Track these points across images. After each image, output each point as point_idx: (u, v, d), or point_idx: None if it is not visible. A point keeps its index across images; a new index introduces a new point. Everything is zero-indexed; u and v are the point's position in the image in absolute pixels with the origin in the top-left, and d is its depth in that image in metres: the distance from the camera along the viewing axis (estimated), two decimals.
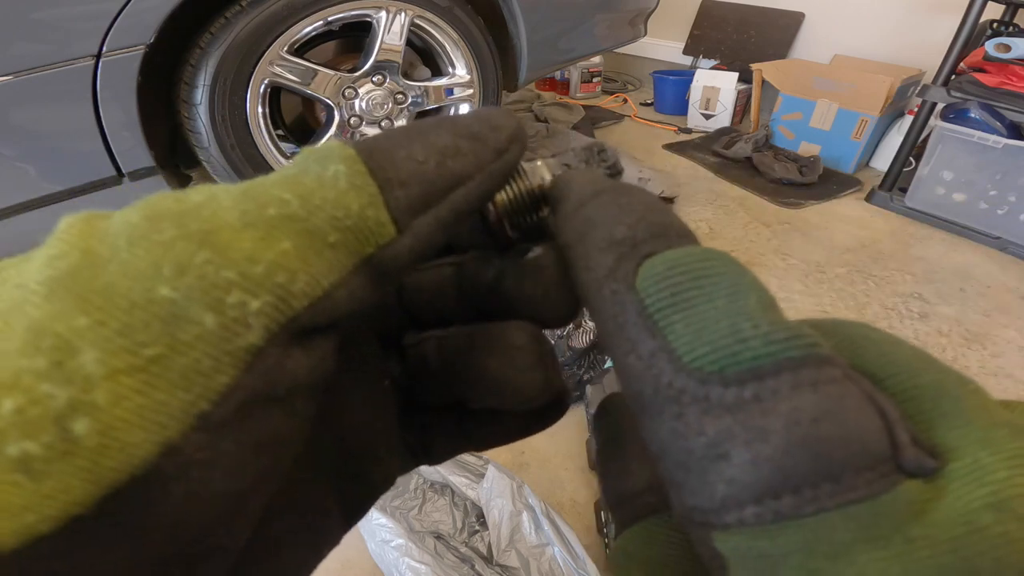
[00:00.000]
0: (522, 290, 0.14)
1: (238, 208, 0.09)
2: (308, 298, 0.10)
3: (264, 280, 0.09)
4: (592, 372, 1.02)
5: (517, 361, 0.14)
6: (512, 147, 0.13)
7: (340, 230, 0.10)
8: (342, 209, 0.10)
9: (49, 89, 0.90)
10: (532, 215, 0.14)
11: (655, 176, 1.67)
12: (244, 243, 0.09)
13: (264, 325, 0.09)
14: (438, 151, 0.12)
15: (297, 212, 0.10)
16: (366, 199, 0.10)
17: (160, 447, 0.08)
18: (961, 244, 1.60)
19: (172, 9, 0.94)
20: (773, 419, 0.08)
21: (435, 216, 0.11)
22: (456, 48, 1.29)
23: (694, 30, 2.76)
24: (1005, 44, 1.44)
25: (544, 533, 0.73)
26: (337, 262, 0.10)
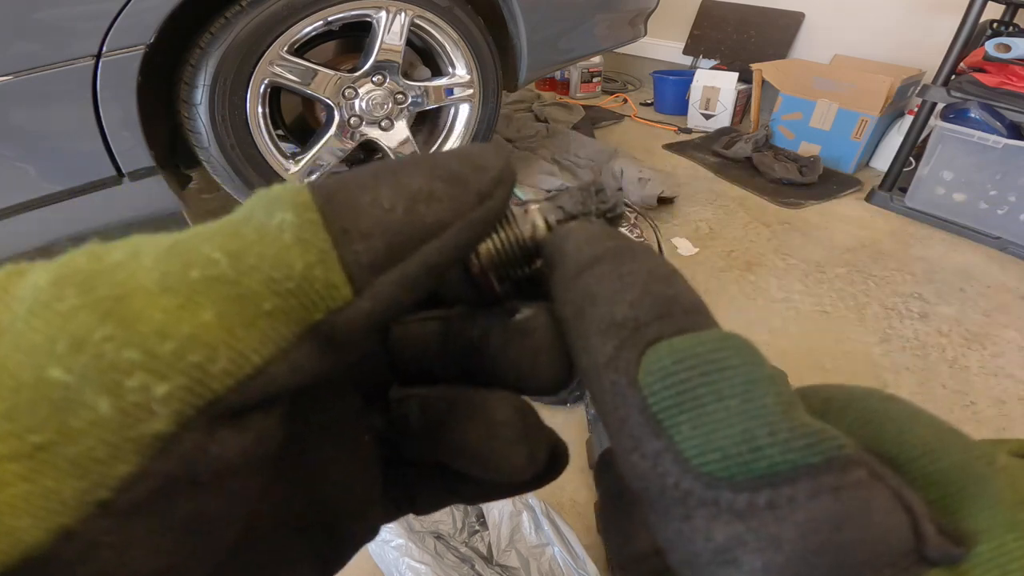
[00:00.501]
0: (508, 355, 0.13)
1: (159, 269, 0.08)
2: (233, 378, 0.08)
3: (174, 360, 0.08)
4: None
5: (499, 435, 0.13)
6: (497, 191, 0.11)
7: (279, 295, 0.09)
8: (282, 269, 0.09)
9: (49, 89, 0.90)
10: (522, 268, 0.13)
11: (655, 176, 1.67)
12: (156, 314, 0.08)
13: (174, 411, 0.08)
14: (409, 196, 0.10)
15: (226, 274, 0.08)
16: (314, 256, 0.09)
17: (53, 533, 0.07)
18: (961, 244, 1.60)
19: (172, 9, 0.94)
20: (788, 527, 0.08)
21: (402, 274, 0.10)
22: (456, 48, 1.29)
23: (694, 30, 2.76)
24: (1005, 44, 1.44)
25: (544, 533, 0.73)
26: (274, 332, 0.09)
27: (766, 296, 1.34)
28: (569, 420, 1.01)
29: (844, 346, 1.19)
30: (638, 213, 1.15)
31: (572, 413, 1.02)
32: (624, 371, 0.09)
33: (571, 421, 1.00)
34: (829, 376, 1.11)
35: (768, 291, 1.36)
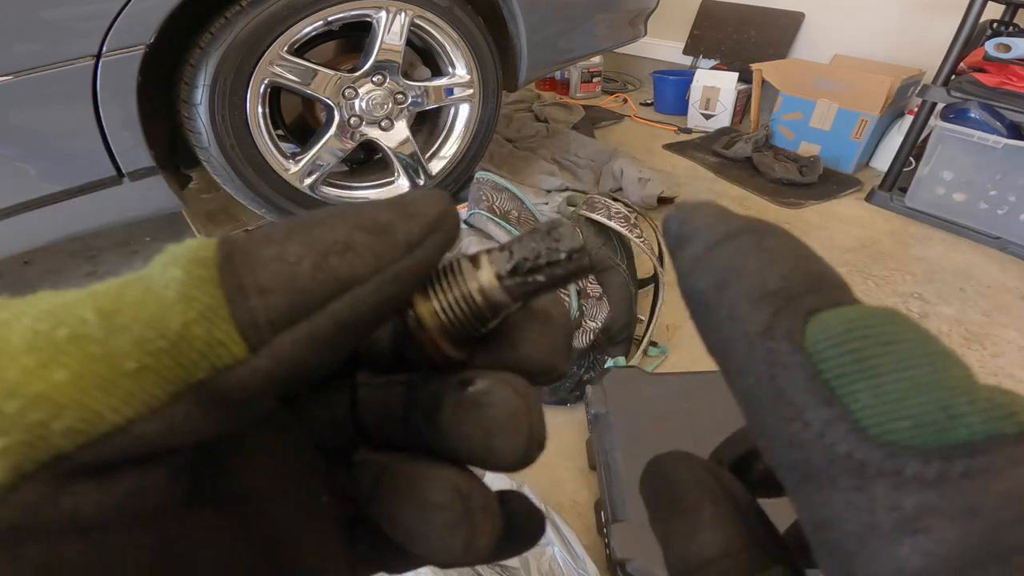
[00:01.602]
0: (460, 429, 0.12)
1: (33, 328, 0.08)
2: (84, 436, 0.08)
3: (16, 418, 0.08)
4: (592, 372, 1.02)
5: (431, 519, 0.11)
6: (430, 240, 0.10)
7: (149, 354, 0.08)
8: (155, 328, 0.08)
9: (49, 89, 0.90)
10: (474, 328, 0.12)
11: (655, 176, 1.67)
12: (13, 373, 0.08)
13: (12, 464, 0.08)
14: (320, 249, 0.09)
15: (92, 333, 0.08)
16: (195, 313, 0.09)
17: None
18: (961, 244, 1.60)
19: (172, 9, 0.94)
20: (988, 496, 0.08)
21: (308, 331, 0.09)
22: (456, 48, 1.29)
23: (694, 30, 2.76)
24: (1005, 44, 1.44)
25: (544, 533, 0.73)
26: (140, 392, 0.08)
27: None
28: (569, 420, 1.01)
29: None
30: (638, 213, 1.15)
31: (572, 413, 1.02)
32: (786, 338, 0.09)
33: (571, 421, 1.00)
34: None
35: None
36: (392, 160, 1.30)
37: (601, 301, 1.03)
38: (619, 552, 0.67)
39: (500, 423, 0.11)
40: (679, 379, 0.91)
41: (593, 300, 1.03)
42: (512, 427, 0.11)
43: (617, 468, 0.77)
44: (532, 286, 0.11)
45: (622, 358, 1.07)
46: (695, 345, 1.18)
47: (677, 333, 1.22)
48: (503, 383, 0.12)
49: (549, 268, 0.11)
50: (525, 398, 0.12)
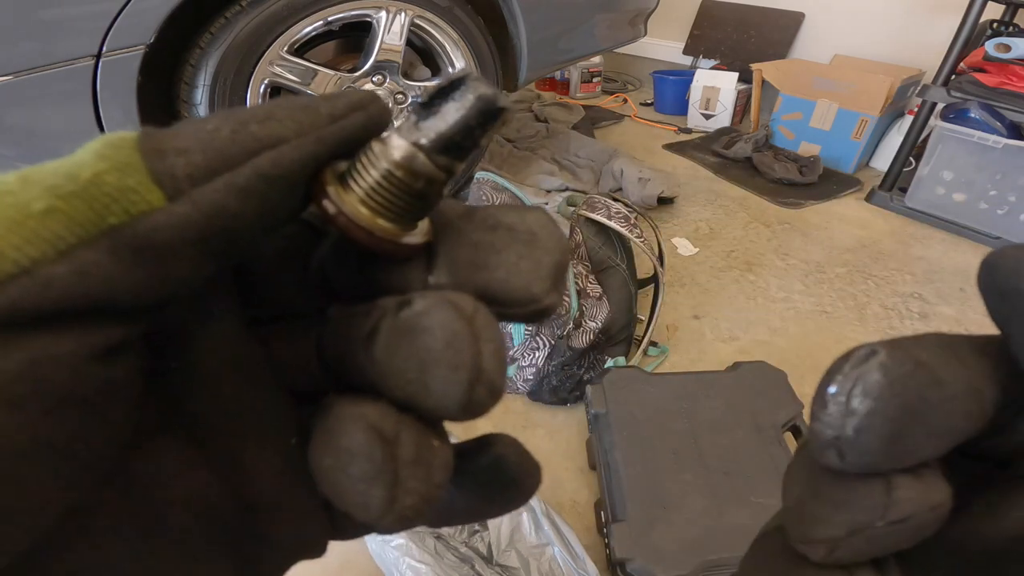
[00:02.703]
0: (393, 362, 0.10)
1: None
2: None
3: None
4: (592, 372, 1.02)
5: (349, 468, 0.10)
6: (353, 114, 0.10)
7: (59, 197, 0.08)
8: (67, 179, 0.08)
9: (49, 89, 0.90)
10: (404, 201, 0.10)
11: (655, 176, 1.67)
12: None
13: None
14: (240, 119, 0.09)
15: (9, 187, 0.08)
16: (107, 165, 0.08)
17: None
18: (961, 244, 1.60)
19: (172, 9, 0.94)
20: None
21: (229, 181, 0.09)
22: (456, 48, 1.29)
23: (694, 30, 2.76)
24: (1005, 44, 1.44)
25: (544, 533, 0.73)
26: (48, 233, 0.08)
27: (766, 296, 1.34)
28: (569, 420, 1.01)
29: (844, 346, 1.19)
30: (638, 213, 1.15)
31: (572, 413, 1.02)
32: None
33: (571, 421, 1.00)
34: None
35: (768, 291, 1.36)
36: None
37: (601, 301, 1.04)
38: (619, 552, 0.67)
39: (436, 354, 0.09)
40: (679, 379, 0.91)
41: (593, 300, 1.03)
42: (450, 360, 0.09)
43: (617, 468, 0.77)
44: (448, 130, 0.10)
45: (622, 358, 1.07)
46: (695, 345, 1.18)
47: (677, 333, 1.22)
48: (444, 304, 0.10)
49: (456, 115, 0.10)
50: (471, 323, 0.09)
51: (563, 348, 0.99)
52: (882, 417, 0.09)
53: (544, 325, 0.98)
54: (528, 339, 0.99)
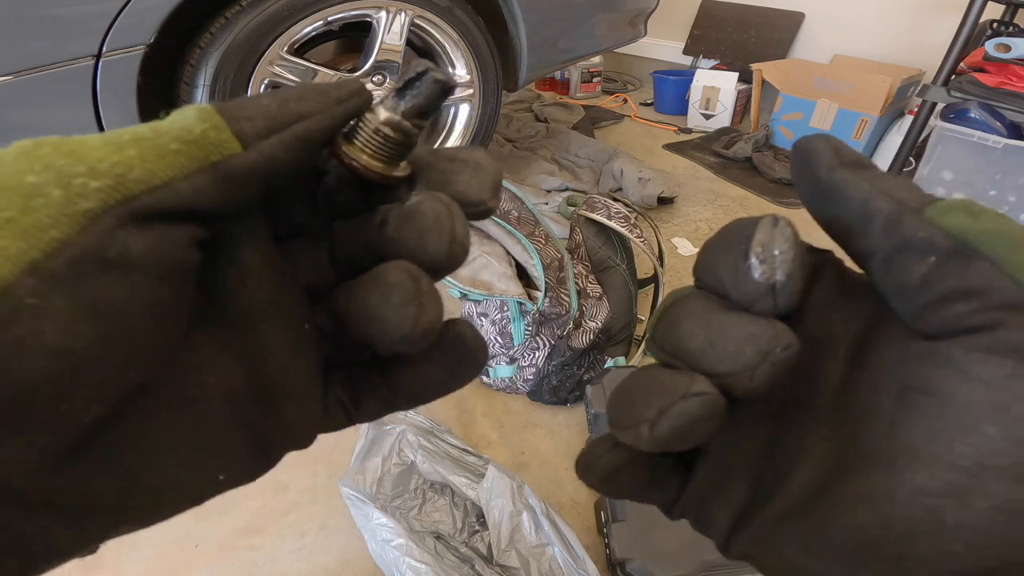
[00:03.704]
0: (400, 234, 0.15)
1: (102, 137, 0.12)
2: (144, 184, 0.11)
3: (106, 170, 0.11)
4: (592, 372, 1.02)
5: (392, 298, 0.14)
6: (352, 99, 0.15)
7: (183, 142, 0.12)
8: (186, 131, 0.12)
9: (49, 89, 0.90)
10: (391, 147, 0.16)
11: (655, 176, 1.67)
12: (97, 152, 0.11)
13: (101, 199, 0.11)
14: (283, 98, 0.14)
15: (146, 134, 0.12)
16: (209, 124, 0.13)
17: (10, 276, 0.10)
18: None
19: (172, 9, 0.94)
20: None
21: (279, 139, 0.14)
22: (456, 48, 1.29)
23: (694, 30, 2.76)
24: (1005, 44, 1.44)
25: (544, 533, 0.73)
26: (178, 163, 0.12)
27: None
28: (569, 420, 1.01)
29: None
30: (638, 213, 1.15)
31: (572, 413, 1.02)
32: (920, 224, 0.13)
33: (571, 421, 1.00)
34: None
35: None
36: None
37: (601, 301, 1.04)
38: (619, 552, 0.67)
39: (429, 225, 0.15)
40: None
41: (593, 300, 1.03)
42: (437, 228, 0.15)
43: None
44: (413, 102, 0.16)
45: (622, 358, 1.07)
46: None
47: None
48: (432, 197, 0.15)
49: (411, 83, 0.16)
50: (449, 207, 0.15)
51: (563, 348, 0.99)
52: (800, 263, 0.14)
53: (544, 325, 0.98)
54: (528, 339, 0.99)
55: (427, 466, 0.83)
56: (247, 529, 0.83)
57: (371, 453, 0.84)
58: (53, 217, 0.10)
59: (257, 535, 0.83)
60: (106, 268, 0.11)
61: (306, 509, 0.86)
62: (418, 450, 0.84)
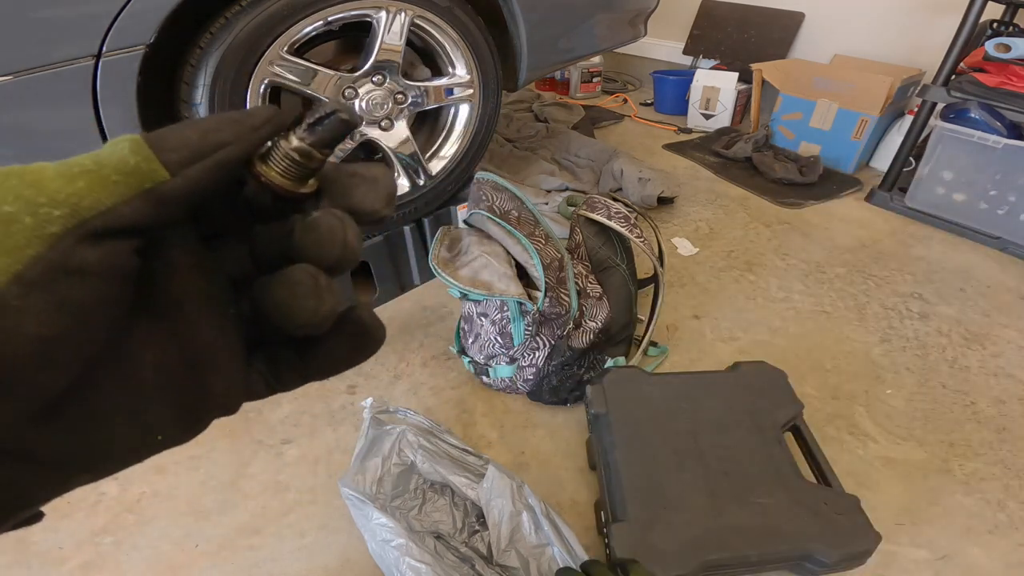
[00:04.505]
0: (303, 241, 0.18)
1: (56, 169, 0.15)
2: (94, 211, 0.15)
3: (63, 200, 0.14)
4: (592, 372, 1.02)
5: (296, 292, 0.18)
6: (265, 126, 0.18)
7: (121, 173, 0.15)
8: (123, 163, 0.15)
9: (49, 89, 0.90)
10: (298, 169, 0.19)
11: (655, 176, 1.67)
12: (54, 184, 0.14)
13: (62, 223, 0.14)
14: (203, 129, 0.17)
15: (91, 167, 0.15)
16: (141, 157, 0.16)
17: None
18: (961, 244, 1.60)
19: (172, 9, 0.94)
20: None
21: (202, 167, 0.16)
22: (456, 48, 1.29)
23: (694, 30, 2.76)
24: (1005, 44, 1.44)
25: (544, 533, 0.73)
26: (119, 192, 0.15)
27: (766, 296, 1.34)
28: (569, 420, 1.01)
29: (844, 346, 1.19)
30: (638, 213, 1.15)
31: (572, 413, 1.02)
32: None
33: (571, 421, 1.00)
34: (829, 376, 1.11)
35: (768, 291, 1.36)
36: (392, 160, 1.30)
37: (601, 301, 1.03)
38: (619, 552, 0.67)
39: (325, 236, 0.18)
40: (679, 379, 0.91)
41: (593, 300, 1.03)
42: (331, 238, 0.18)
43: (617, 468, 0.77)
44: (320, 135, 0.18)
45: (622, 358, 1.07)
46: (695, 345, 1.18)
47: (677, 333, 1.22)
48: (328, 213, 0.19)
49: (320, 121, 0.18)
50: (342, 221, 0.18)
51: (563, 348, 0.99)
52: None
53: (544, 325, 0.98)
54: (528, 339, 0.99)
55: (427, 466, 0.83)
56: (247, 529, 0.83)
57: (371, 453, 0.84)
58: (28, 239, 0.14)
59: (257, 535, 0.83)
60: (69, 275, 0.14)
61: (306, 509, 0.86)
62: (418, 450, 0.84)
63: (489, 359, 1.04)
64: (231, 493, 0.88)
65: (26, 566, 0.79)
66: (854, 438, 0.98)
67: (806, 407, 0.90)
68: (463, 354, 1.10)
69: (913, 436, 0.99)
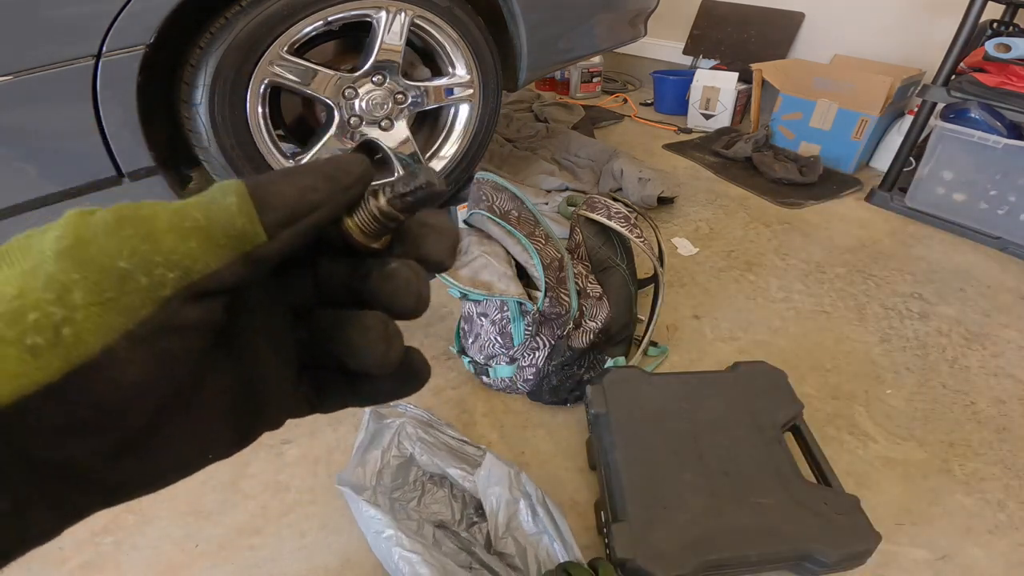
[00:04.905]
0: (380, 288, 0.19)
1: (170, 221, 0.15)
2: (202, 274, 0.16)
3: (177, 262, 0.15)
4: (592, 372, 1.02)
5: (369, 337, 0.19)
6: (356, 186, 0.19)
7: (228, 237, 0.16)
8: (232, 228, 0.16)
9: (49, 89, 0.90)
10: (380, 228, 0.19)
11: (655, 176, 1.67)
12: (169, 241, 0.15)
13: (174, 286, 0.15)
14: (300, 189, 0.18)
15: (202, 222, 0.16)
16: (246, 220, 0.16)
17: (103, 347, 0.14)
18: (961, 244, 1.60)
19: (172, 9, 0.94)
20: None
21: (295, 230, 0.17)
22: (456, 48, 1.29)
23: (694, 30, 2.76)
24: (1005, 44, 1.44)
25: (540, 521, 0.73)
26: (224, 255, 0.16)
27: (766, 296, 1.34)
28: (569, 420, 1.01)
29: (844, 346, 1.19)
30: (638, 213, 1.15)
31: (572, 413, 1.02)
32: None
33: (571, 421, 1.00)
34: (829, 376, 1.11)
35: (768, 291, 1.36)
36: (392, 160, 1.30)
37: (601, 301, 1.03)
38: (619, 552, 0.67)
39: (401, 287, 0.19)
40: (679, 379, 0.91)
41: (593, 300, 1.03)
42: (407, 290, 0.19)
43: (617, 468, 0.77)
44: (409, 204, 0.19)
45: (622, 358, 1.06)
46: (695, 345, 1.18)
47: (677, 333, 1.22)
48: (405, 265, 0.20)
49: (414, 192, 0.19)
50: (417, 275, 0.19)
51: (563, 348, 0.99)
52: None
53: (544, 325, 0.98)
54: (528, 339, 0.99)
55: (425, 458, 0.83)
56: (247, 529, 0.83)
57: (372, 446, 0.85)
58: (143, 300, 0.15)
59: (257, 535, 0.83)
60: (172, 332, 0.15)
61: (306, 509, 0.86)
62: (416, 442, 0.84)
63: (489, 359, 1.04)
64: (231, 493, 0.88)
65: (26, 566, 0.79)
66: (854, 438, 0.98)
67: (806, 407, 0.90)
68: (463, 354, 1.10)
69: (913, 436, 0.99)
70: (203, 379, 0.18)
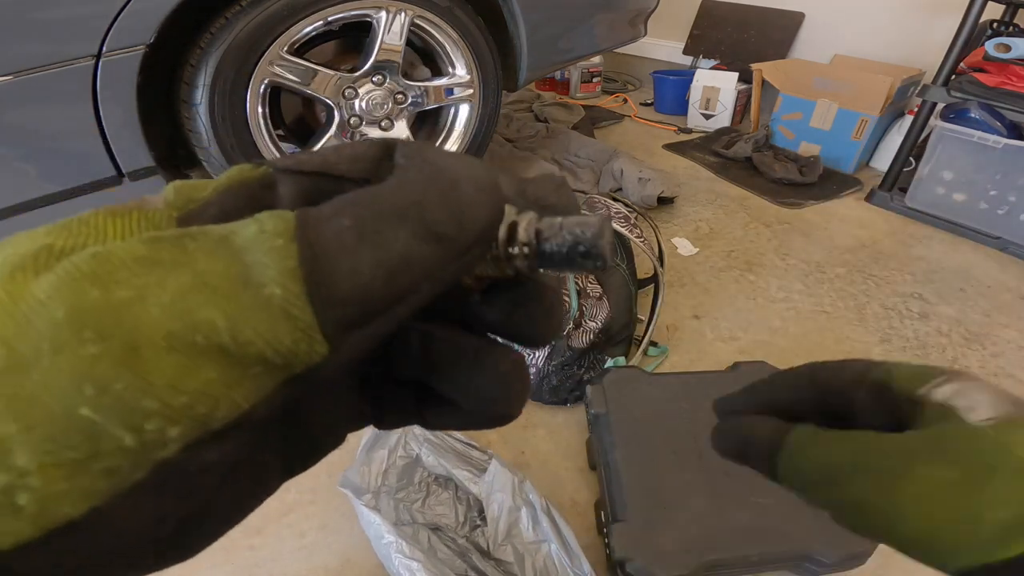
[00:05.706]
0: (511, 319, 0.15)
1: (165, 327, 0.10)
2: (226, 420, 0.10)
3: (186, 411, 0.10)
4: (592, 372, 1.02)
5: (503, 383, 0.15)
6: (475, 248, 0.12)
7: (268, 362, 0.10)
8: (273, 346, 0.10)
9: (49, 89, 0.90)
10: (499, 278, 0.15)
11: (655, 176, 1.67)
12: (167, 369, 0.10)
13: (181, 444, 0.10)
14: (388, 266, 0.11)
15: (226, 343, 0.10)
16: (299, 333, 0.11)
17: (87, 510, 0.09)
18: (961, 244, 1.60)
19: (172, 9, 0.94)
20: None
21: (373, 330, 0.11)
22: (456, 48, 1.29)
23: (694, 30, 2.76)
24: (1005, 44, 1.44)
25: (542, 530, 0.73)
26: (262, 387, 0.11)
27: (766, 296, 1.34)
28: (569, 420, 1.01)
29: (844, 346, 1.19)
30: (638, 213, 1.15)
31: (572, 413, 1.02)
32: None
33: (571, 421, 1.00)
34: None
35: (768, 291, 1.36)
36: None
37: (601, 301, 1.04)
38: (619, 552, 0.67)
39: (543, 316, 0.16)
40: (679, 379, 0.91)
41: (593, 300, 1.03)
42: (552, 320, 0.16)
43: (617, 468, 0.77)
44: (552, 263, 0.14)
45: (622, 358, 1.07)
46: (695, 345, 1.18)
47: (677, 333, 1.22)
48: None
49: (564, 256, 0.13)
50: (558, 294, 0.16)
51: (563, 348, 0.99)
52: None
53: None
54: None
55: (431, 459, 0.83)
56: (247, 529, 0.83)
57: (377, 445, 0.85)
58: (133, 463, 0.10)
59: (257, 535, 0.83)
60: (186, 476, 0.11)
61: (306, 509, 0.86)
62: (423, 443, 0.84)
63: None
64: None
65: None
66: None
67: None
68: None
69: None
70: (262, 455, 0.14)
